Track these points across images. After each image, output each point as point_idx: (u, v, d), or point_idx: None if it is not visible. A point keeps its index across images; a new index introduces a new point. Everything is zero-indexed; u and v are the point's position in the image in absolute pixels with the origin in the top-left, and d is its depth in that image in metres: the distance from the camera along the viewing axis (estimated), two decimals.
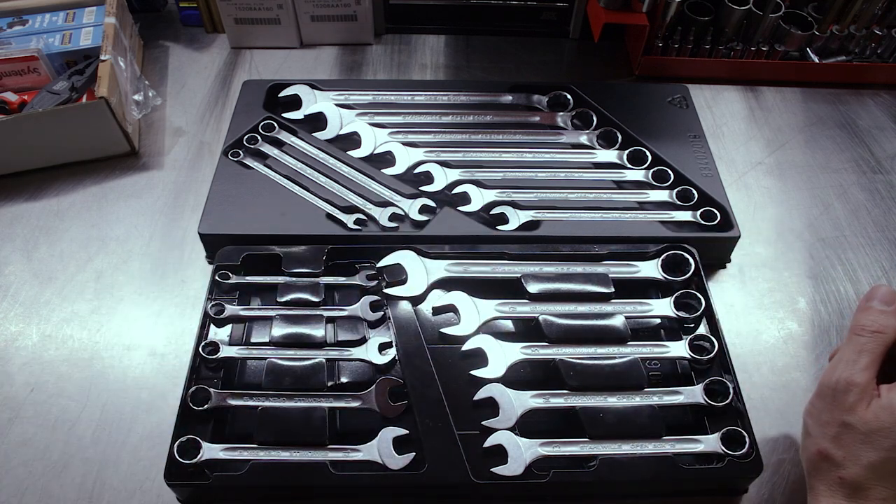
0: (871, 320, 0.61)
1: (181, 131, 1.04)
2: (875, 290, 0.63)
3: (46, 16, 1.08)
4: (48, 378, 0.76)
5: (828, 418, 0.59)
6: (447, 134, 0.95)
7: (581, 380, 0.70)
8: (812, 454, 0.60)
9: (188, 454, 0.64)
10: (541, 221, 0.84)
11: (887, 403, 0.56)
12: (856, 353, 0.60)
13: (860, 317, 0.62)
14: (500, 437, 0.66)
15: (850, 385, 0.58)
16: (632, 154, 0.92)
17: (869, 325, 0.61)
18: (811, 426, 0.61)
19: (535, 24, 1.21)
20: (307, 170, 0.90)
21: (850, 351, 0.60)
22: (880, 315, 0.61)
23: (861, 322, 0.61)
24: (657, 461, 0.65)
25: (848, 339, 0.62)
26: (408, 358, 0.72)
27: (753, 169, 1.00)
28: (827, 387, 0.60)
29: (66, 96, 0.93)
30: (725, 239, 0.85)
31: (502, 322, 0.77)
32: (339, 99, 0.99)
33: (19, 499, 0.67)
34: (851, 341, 0.61)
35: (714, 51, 1.11)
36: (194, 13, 1.19)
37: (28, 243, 0.88)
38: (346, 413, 0.70)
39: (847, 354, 0.60)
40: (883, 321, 0.60)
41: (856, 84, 1.14)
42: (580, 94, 1.00)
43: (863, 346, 0.60)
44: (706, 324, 0.76)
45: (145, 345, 0.79)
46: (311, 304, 0.76)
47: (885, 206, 0.96)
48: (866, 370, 0.59)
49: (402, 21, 1.21)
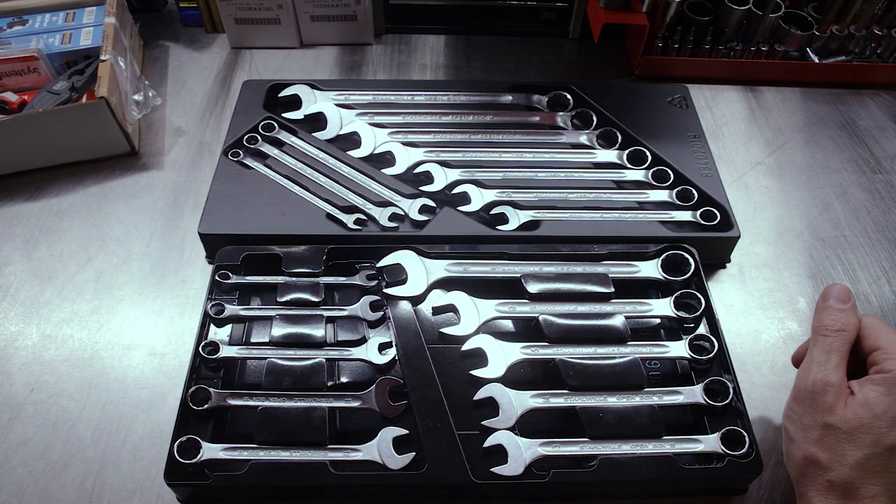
0: (833, 319, 0.62)
1: (181, 131, 1.04)
2: (829, 290, 0.64)
3: (46, 16, 1.08)
4: (48, 378, 0.76)
5: (809, 421, 0.59)
6: (447, 134, 0.95)
7: (581, 380, 0.70)
8: (798, 460, 0.59)
9: (188, 454, 0.64)
10: (541, 221, 0.84)
11: (863, 399, 0.57)
12: (825, 354, 0.60)
13: (821, 317, 0.63)
14: (499, 437, 0.66)
15: (826, 385, 0.58)
16: (632, 154, 0.92)
17: (831, 324, 0.62)
18: (793, 431, 0.60)
19: (535, 24, 1.21)
20: (307, 170, 0.90)
21: (819, 352, 0.61)
22: (840, 314, 0.62)
23: (824, 322, 0.62)
24: (657, 461, 0.65)
25: (814, 341, 0.62)
26: (408, 358, 0.72)
27: (753, 169, 1.00)
28: (804, 390, 0.60)
29: (66, 96, 0.93)
30: (725, 239, 0.85)
31: (502, 322, 0.77)
32: (339, 99, 0.99)
33: (19, 499, 0.67)
34: (818, 343, 0.62)
35: (714, 51, 1.11)
36: (194, 13, 1.19)
37: (28, 243, 0.88)
38: (346, 413, 0.70)
39: (817, 356, 0.61)
40: (844, 319, 0.62)
41: (856, 84, 1.14)
42: (580, 94, 1.00)
43: (830, 345, 0.61)
44: (706, 324, 0.76)
45: (145, 345, 0.79)
46: (311, 304, 0.76)
47: (885, 206, 0.96)
48: (838, 369, 0.59)
49: (402, 21, 1.21)
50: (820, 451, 0.57)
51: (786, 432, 0.62)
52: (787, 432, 0.62)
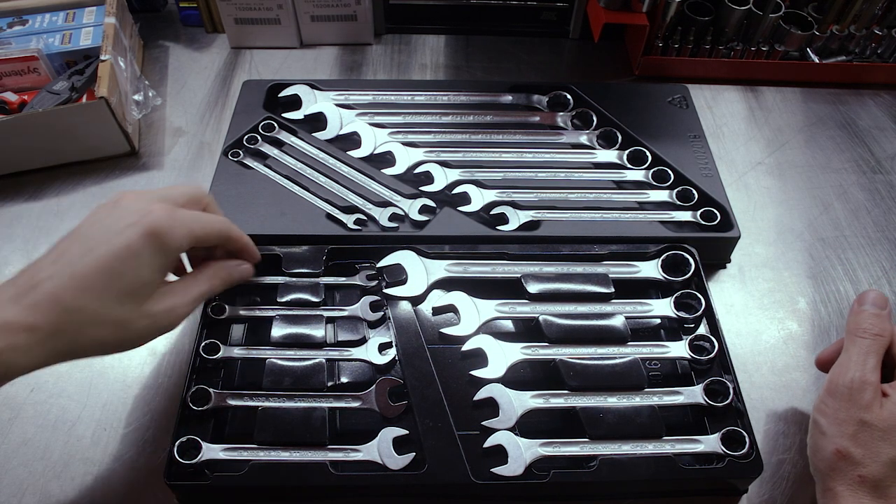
0: (871, 323, 0.63)
1: (181, 131, 1.04)
2: (866, 295, 0.66)
3: (46, 16, 1.08)
4: (48, 378, 0.76)
5: (844, 416, 0.59)
6: (447, 134, 0.95)
7: (581, 380, 0.70)
8: (829, 454, 0.59)
9: (188, 454, 0.64)
10: (541, 221, 0.84)
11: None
12: (863, 355, 0.61)
13: (858, 320, 0.64)
14: (500, 438, 0.66)
15: (864, 384, 0.59)
16: (632, 154, 0.92)
17: (869, 328, 0.63)
18: (825, 425, 0.61)
19: (535, 24, 1.21)
20: (307, 170, 0.90)
21: (856, 352, 0.62)
22: (878, 319, 0.64)
23: (861, 325, 0.63)
24: (657, 461, 0.65)
25: (850, 342, 0.64)
26: (408, 358, 0.72)
27: (753, 169, 1.00)
28: (841, 385, 0.61)
29: (66, 96, 0.93)
30: (725, 239, 0.85)
31: (502, 322, 0.77)
32: (339, 99, 0.99)
33: (19, 499, 0.67)
34: (855, 343, 0.63)
35: (714, 51, 1.11)
36: (194, 13, 1.19)
37: (28, 243, 0.88)
38: (346, 413, 0.70)
39: (855, 355, 0.62)
40: (881, 325, 0.63)
41: (856, 84, 1.14)
42: (580, 94, 1.00)
43: (868, 347, 0.62)
44: (706, 324, 0.76)
45: (145, 345, 0.78)
46: (311, 304, 0.76)
47: (885, 206, 0.96)
48: (875, 370, 0.61)
49: (402, 21, 1.21)
50: (854, 446, 0.58)
51: (816, 426, 0.62)
52: (818, 426, 0.62)
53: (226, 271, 0.68)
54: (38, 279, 0.54)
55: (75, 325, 0.54)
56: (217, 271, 0.67)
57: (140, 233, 0.56)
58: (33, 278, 0.54)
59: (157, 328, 0.60)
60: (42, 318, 0.52)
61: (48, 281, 0.54)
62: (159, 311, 0.59)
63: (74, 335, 0.54)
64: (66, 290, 0.53)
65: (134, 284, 0.57)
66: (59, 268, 0.55)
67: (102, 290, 0.55)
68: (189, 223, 0.60)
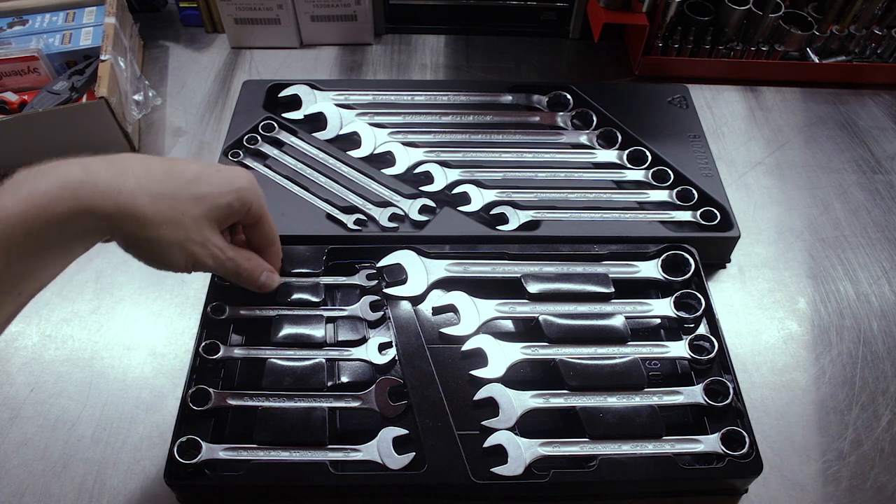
0: None
1: (181, 131, 1.03)
2: None
3: (46, 16, 1.08)
4: (48, 378, 0.76)
5: None
6: (447, 134, 0.95)
7: (581, 380, 0.70)
8: None
9: (188, 454, 0.64)
10: (541, 221, 0.84)
11: None
12: None
13: None
14: (499, 437, 0.66)
15: None
16: (632, 154, 0.92)
17: None
18: None
19: (535, 24, 1.21)
20: (307, 170, 0.90)
21: None
22: None
23: None
24: (657, 461, 0.65)
25: None
26: (408, 358, 0.72)
27: (753, 169, 1.00)
28: None
29: (66, 96, 0.93)
30: (725, 239, 0.85)
31: (502, 322, 0.77)
32: (339, 99, 0.99)
33: (19, 499, 0.67)
34: None
35: (714, 51, 1.11)
36: (194, 13, 1.19)
37: None
38: (346, 413, 0.70)
39: None
40: None
41: (856, 84, 1.14)
42: (580, 94, 1.00)
43: None
44: (706, 324, 0.76)
45: (145, 345, 0.79)
46: (311, 304, 0.76)
47: (885, 206, 0.96)
48: None
49: (402, 21, 1.21)
50: None
51: None
52: None
53: (260, 268, 0.68)
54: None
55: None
56: (257, 262, 0.68)
57: (244, 185, 0.62)
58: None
59: (198, 253, 0.61)
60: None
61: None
62: (209, 239, 0.61)
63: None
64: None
65: (214, 211, 0.61)
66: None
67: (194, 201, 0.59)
68: (264, 204, 0.66)
